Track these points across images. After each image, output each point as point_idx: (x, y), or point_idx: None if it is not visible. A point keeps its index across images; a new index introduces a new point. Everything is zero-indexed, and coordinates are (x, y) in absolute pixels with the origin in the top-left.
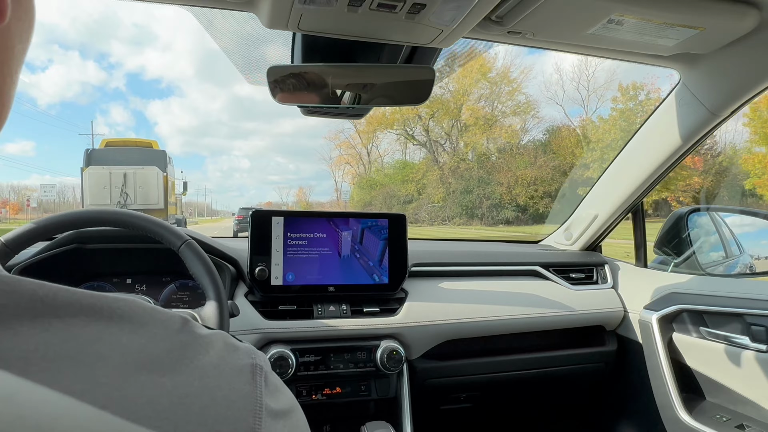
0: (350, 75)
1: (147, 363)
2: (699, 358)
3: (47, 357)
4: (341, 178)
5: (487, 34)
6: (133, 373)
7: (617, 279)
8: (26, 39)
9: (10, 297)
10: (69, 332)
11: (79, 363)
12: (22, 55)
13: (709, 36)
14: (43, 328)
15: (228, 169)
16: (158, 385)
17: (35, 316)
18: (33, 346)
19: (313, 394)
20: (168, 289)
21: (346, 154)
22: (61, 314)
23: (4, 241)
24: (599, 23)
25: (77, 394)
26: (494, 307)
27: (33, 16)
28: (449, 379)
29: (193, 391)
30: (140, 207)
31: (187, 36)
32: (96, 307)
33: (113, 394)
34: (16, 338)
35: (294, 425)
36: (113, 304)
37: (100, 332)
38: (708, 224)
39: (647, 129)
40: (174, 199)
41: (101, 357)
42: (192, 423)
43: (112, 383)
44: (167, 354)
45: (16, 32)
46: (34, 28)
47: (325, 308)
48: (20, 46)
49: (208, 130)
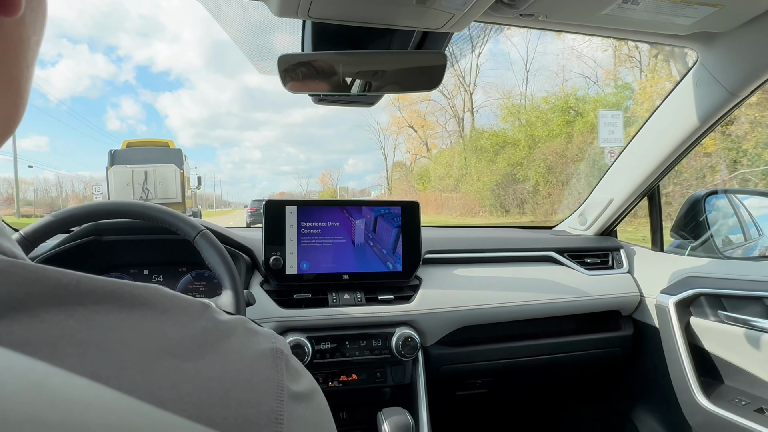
0: (361, 62)
1: (170, 348)
2: (717, 342)
3: (73, 343)
4: (403, 153)
5: (499, 17)
6: (157, 358)
7: (633, 263)
8: (40, 30)
9: (35, 285)
10: (93, 319)
11: (104, 349)
12: (37, 46)
13: (727, 13)
14: (68, 315)
15: (239, 160)
16: (181, 370)
17: (60, 304)
18: (59, 333)
19: (329, 382)
20: (184, 280)
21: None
22: (84, 301)
23: (23, 234)
24: (614, 3)
25: (104, 379)
26: (509, 293)
27: (46, 7)
28: (464, 365)
29: (215, 375)
30: (160, 201)
31: (195, 26)
32: (118, 294)
33: (138, 379)
34: (43, 325)
35: (315, 408)
36: (134, 291)
37: (123, 319)
38: (726, 207)
39: (664, 111)
40: (190, 192)
41: (125, 343)
42: (216, 406)
43: (137, 368)
44: (189, 339)
45: (30, 23)
46: (47, 19)
47: (340, 296)
48: (35, 37)
49: (218, 121)
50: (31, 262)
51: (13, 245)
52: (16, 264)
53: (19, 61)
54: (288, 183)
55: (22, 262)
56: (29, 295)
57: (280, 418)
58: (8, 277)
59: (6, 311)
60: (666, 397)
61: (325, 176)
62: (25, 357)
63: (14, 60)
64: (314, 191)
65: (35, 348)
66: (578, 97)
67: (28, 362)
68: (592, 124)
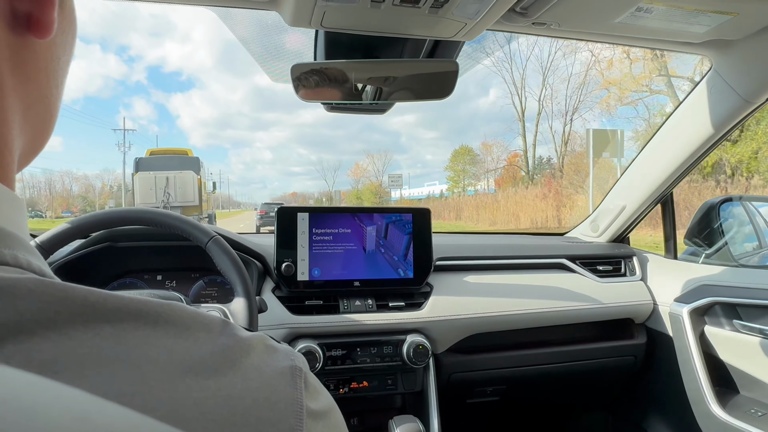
0: (373, 70)
1: (192, 366)
2: (732, 352)
3: (100, 361)
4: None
5: (511, 26)
6: (180, 375)
7: (646, 271)
8: (70, 50)
9: (63, 303)
10: (119, 337)
11: (130, 366)
12: (67, 66)
13: (741, 21)
14: (94, 333)
15: (251, 161)
16: (204, 388)
17: (87, 321)
18: (87, 350)
19: (340, 388)
20: (197, 285)
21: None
22: (111, 319)
23: (39, 242)
24: (627, 11)
25: (128, 396)
26: (520, 300)
27: (75, 28)
28: (476, 372)
29: (236, 392)
30: (180, 204)
31: (205, 26)
32: (143, 312)
33: (162, 396)
34: (71, 343)
35: (333, 425)
36: (159, 309)
37: (147, 336)
38: (741, 214)
39: (677, 117)
40: (206, 196)
41: (150, 360)
42: (237, 425)
43: (161, 386)
44: (210, 357)
45: (61, 45)
46: (76, 40)
47: (351, 303)
48: (65, 57)
49: (229, 121)
50: (59, 281)
51: (42, 263)
52: (45, 283)
53: (49, 81)
54: (299, 184)
55: (51, 280)
56: (58, 314)
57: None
58: (38, 295)
59: (36, 329)
60: (680, 406)
61: (359, 168)
62: (68, 388)
63: (45, 79)
64: (346, 187)
65: (64, 366)
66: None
67: (72, 394)
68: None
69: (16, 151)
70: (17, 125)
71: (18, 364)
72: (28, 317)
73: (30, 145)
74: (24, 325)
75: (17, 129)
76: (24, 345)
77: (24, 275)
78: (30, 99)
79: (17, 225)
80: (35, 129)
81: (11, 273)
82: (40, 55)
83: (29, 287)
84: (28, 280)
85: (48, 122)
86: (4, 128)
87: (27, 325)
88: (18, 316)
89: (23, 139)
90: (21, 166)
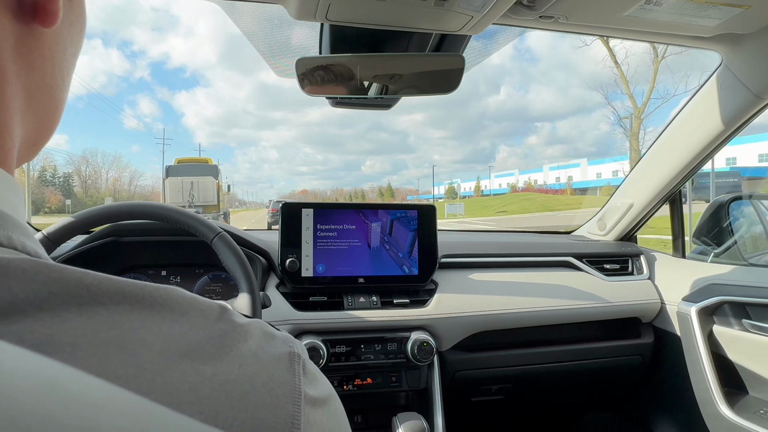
0: (379, 65)
1: (188, 351)
2: (741, 352)
3: (94, 343)
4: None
5: (518, 20)
6: (176, 360)
7: (654, 270)
8: (77, 43)
9: (58, 285)
10: (113, 320)
11: (124, 349)
12: (74, 58)
13: (753, 14)
14: (89, 315)
15: (257, 160)
16: (200, 372)
17: (82, 304)
18: (80, 332)
19: (344, 385)
20: (201, 281)
21: None
22: (105, 302)
23: (46, 234)
24: (636, 4)
25: (122, 379)
26: (526, 298)
27: (84, 20)
28: (480, 370)
29: (233, 378)
30: (201, 203)
31: (208, 19)
32: (138, 296)
33: (157, 380)
34: (65, 324)
35: (332, 413)
36: (154, 293)
37: (142, 320)
38: (751, 213)
39: (686, 114)
40: (222, 197)
41: (145, 344)
42: (233, 409)
43: (155, 369)
44: (207, 342)
45: (68, 36)
46: (85, 33)
47: (356, 299)
48: (72, 49)
49: (235, 120)
50: (54, 262)
51: (37, 245)
52: (39, 263)
53: (54, 71)
54: (305, 183)
55: (45, 261)
56: (52, 295)
57: (297, 422)
58: (32, 276)
59: (29, 310)
60: (687, 406)
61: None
62: (39, 356)
63: (50, 69)
64: (390, 183)
65: (56, 347)
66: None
67: (42, 361)
68: None
69: (18, 138)
70: (19, 112)
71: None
72: (21, 298)
73: (34, 134)
74: (17, 305)
75: (19, 116)
76: (16, 326)
77: (18, 256)
78: (33, 87)
79: (13, 207)
80: (40, 118)
81: (4, 253)
82: (45, 44)
83: (23, 267)
84: (22, 260)
85: (53, 113)
86: (6, 113)
87: (20, 305)
88: (10, 297)
89: (26, 127)
90: (26, 157)
